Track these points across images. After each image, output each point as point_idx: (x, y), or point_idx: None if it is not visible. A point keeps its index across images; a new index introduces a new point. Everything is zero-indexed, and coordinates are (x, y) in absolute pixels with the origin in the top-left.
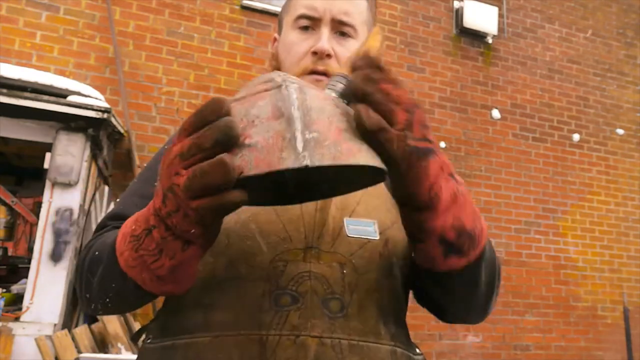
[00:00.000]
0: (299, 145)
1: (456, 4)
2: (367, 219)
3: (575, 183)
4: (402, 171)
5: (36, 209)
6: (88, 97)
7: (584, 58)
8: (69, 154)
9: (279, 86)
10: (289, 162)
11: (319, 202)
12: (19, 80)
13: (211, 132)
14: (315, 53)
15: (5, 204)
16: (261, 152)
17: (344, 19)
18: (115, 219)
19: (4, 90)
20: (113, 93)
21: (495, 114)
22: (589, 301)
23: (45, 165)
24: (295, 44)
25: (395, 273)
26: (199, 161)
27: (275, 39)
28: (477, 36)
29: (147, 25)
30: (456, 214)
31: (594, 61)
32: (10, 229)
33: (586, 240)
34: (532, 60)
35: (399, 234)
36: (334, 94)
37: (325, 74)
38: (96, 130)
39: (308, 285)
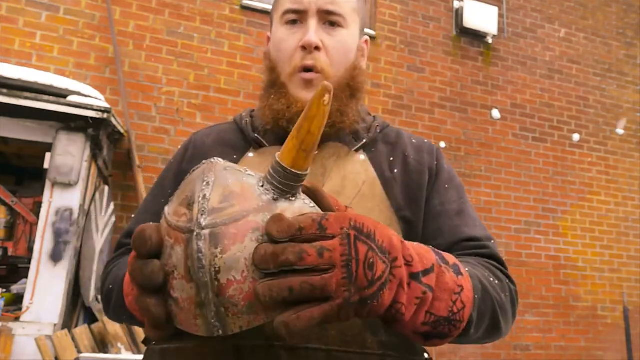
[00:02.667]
0: (210, 316)
1: (456, 4)
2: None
3: (575, 183)
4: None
5: (36, 209)
6: (88, 97)
7: (584, 58)
8: (69, 154)
9: (191, 232)
10: (203, 331)
11: None
12: (19, 80)
13: (140, 273)
14: (303, 47)
15: (5, 204)
16: (181, 311)
17: (331, 8)
18: (130, 237)
19: (4, 90)
20: (113, 93)
21: (495, 114)
22: (589, 301)
23: (45, 165)
24: (284, 40)
25: None
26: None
27: (268, 38)
28: (477, 36)
29: (147, 25)
30: (427, 311)
31: (594, 61)
32: (10, 229)
33: (586, 240)
34: (532, 60)
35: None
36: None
37: (313, 69)
38: (96, 130)
39: None
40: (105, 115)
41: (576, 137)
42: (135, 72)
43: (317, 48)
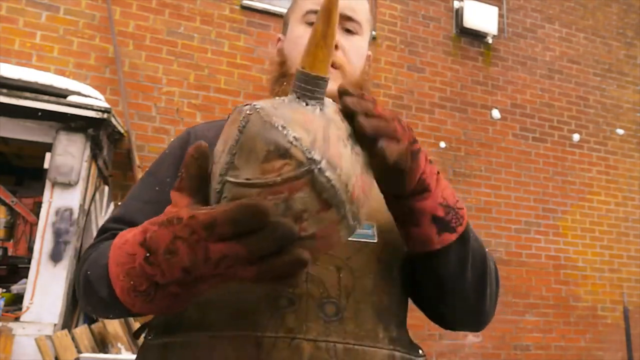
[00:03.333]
0: (350, 222)
1: (456, 4)
2: (366, 222)
3: (575, 183)
4: (404, 172)
5: (36, 209)
6: (88, 97)
7: (584, 58)
8: (69, 154)
9: (312, 172)
10: (346, 236)
11: None
12: (19, 80)
13: (270, 237)
14: None
15: (5, 204)
16: (320, 240)
17: (351, 14)
18: (117, 222)
19: (4, 90)
20: (113, 93)
21: (495, 114)
22: (589, 301)
23: (45, 165)
24: (303, 37)
25: (394, 276)
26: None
27: (279, 39)
28: (477, 36)
29: (147, 25)
30: (441, 193)
31: (594, 61)
32: (10, 229)
33: (586, 240)
34: (532, 60)
35: (398, 237)
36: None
37: (332, 65)
38: (96, 130)
39: (304, 288)
40: (105, 115)
41: (576, 137)
42: (135, 72)
43: (336, 47)
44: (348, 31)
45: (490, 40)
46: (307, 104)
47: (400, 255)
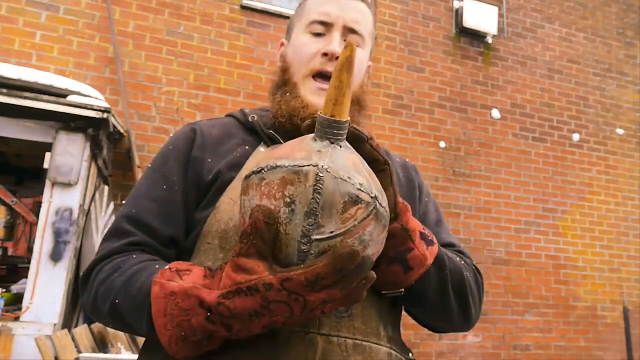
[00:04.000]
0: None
1: (456, 4)
2: None
3: (575, 183)
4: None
5: (36, 209)
6: (88, 97)
7: (584, 58)
8: (69, 154)
9: (375, 207)
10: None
11: None
12: (19, 80)
13: (361, 274)
14: (325, 55)
15: (5, 204)
16: (375, 256)
17: (355, 27)
18: (131, 223)
19: (4, 90)
20: (113, 93)
21: (495, 114)
22: (589, 301)
23: (45, 165)
24: (306, 46)
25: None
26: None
27: (282, 44)
28: (477, 36)
29: (147, 25)
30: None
31: (594, 61)
32: (10, 229)
33: (586, 240)
34: (532, 60)
35: None
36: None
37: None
38: (96, 130)
39: None
40: (105, 115)
41: (576, 137)
42: (135, 72)
43: (337, 58)
44: None
45: (490, 40)
46: (341, 147)
47: None
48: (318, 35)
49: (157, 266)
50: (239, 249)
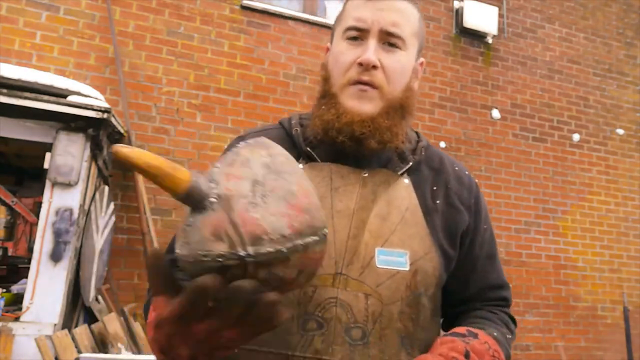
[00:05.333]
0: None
1: (456, 4)
2: (400, 249)
3: (575, 183)
4: None
5: (36, 209)
6: (88, 97)
7: (584, 58)
8: (69, 154)
9: (325, 235)
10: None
11: (353, 229)
12: (19, 80)
13: (232, 301)
14: (360, 64)
15: (5, 204)
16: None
17: (392, 30)
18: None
19: (4, 90)
20: (113, 93)
21: (495, 114)
22: (589, 301)
23: (45, 165)
24: (343, 54)
25: (423, 302)
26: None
27: (327, 49)
28: (477, 36)
29: (147, 25)
30: None
31: (594, 61)
32: (10, 229)
33: (586, 240)
34: (532, 60)
35: (429, 263)
36: None
37: (370, 84)
38: (96, 130)
39: (333, 312)
40: (105, 115)
41: (576, 137)
42: (135, 72)
43: (374, 67)
44: (390, 45)
45: (490, 40)
46: (205, 209)
47: (430, 281)
48: (354, 39)
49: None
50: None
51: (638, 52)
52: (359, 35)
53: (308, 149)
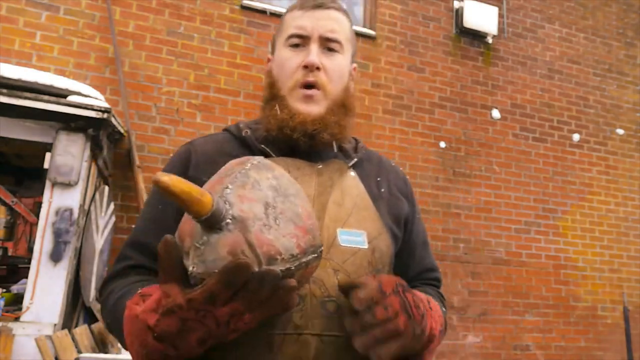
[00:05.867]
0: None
1: (456, 4)
2: (357, 229)
3: (575, 183)
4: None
5: (36, 209)
6: (88, 97)
7: (584, 58)
8: (69, 154)
9: (321, 252)
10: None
11: (315, 213)
12: (19, 80)
13: (259, 285)
14: (305, 67)
15: (5, 204)
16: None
17: (331, 35)
18: (134, 249)
19: (4, 90)
20: (113, 93)
21: (495, 114)
22: (589, 301)
23: (45, 165)
24: (288, 60)
25: None
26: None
27: (269, 59)
28: (477, 36)
29: (147, 25)
30: (437, 327)
31: (594, 61)
32: (10, 229)
33: (586, 240)
34: (532, 60)
35: (383, 243)
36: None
37: (314, 85)
38: (96, 130)
39: (307, 289)
40: (105, 115)
41: (576, 137)
42: (135, 72)
43: (317, 68)
44: (330, 50)
45: (490, 40)
46: (221, 229)
47: (385, 260)
48: (296, 46)
49: (139, 289)
50: (161, 279)
51: (638, 52)
52: (300, 42)
53: (262, 145)
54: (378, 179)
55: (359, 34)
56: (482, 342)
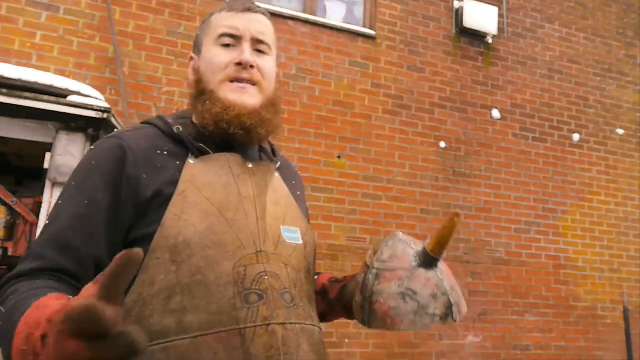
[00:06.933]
0: (364, 316)
1: (456, 4)
2: (293, 227)
3: (575, 183)
4: None
5: (36, 209)
6: (88, 97)
7: (584, 58)
8: (69, 154)
9: (369, 268)
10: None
11: (258, 212)
12: (19, 80)
13: (113, 347)
14: (239, 64)
15: (5, 204)
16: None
17: (261, 37)
18: (53, 247)
19: (4, 90)
20: (113, 93)
21: (495, 114)
22: (589, 301)
23: (45, 165)
24: (218, 57)
25: (311, 270)
26: None
27: (191, 58)
28: (477, 36)
29: (147, 25)
30: None
31: (594, 61)
32: (10, 229)
33: (586, 240)
34: (532, 60)
35: (310, 238)
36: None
37: (249, 81)
38: (96, 130)
39: (267, 283)
40: (105, 115)
41: (576, 137)
42: (135, 72)
43: (252, 66)
44: (260, 52)
45: (490, 40)
46: (418, 260)
47: (313, 253)
48: (228, 46)
49: (49, 293)
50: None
51: (638, 52)
52: (232, 42)
53: (200, 144)
54: (293, 182)
55: (359, 34)
56: (482, 342)
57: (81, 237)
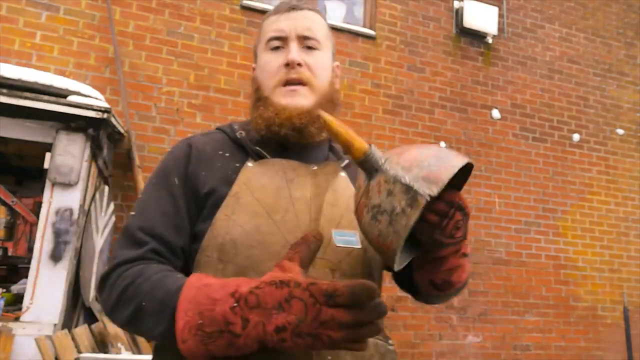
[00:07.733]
0: None
1: (456, 4)
2: (350, 230)
3: (575, 183)
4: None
5: (36, 209)
6: (88, 97)
7: (584, 58)
8: (69, 154)
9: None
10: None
11: (312, 213)
12: (19, 80)
13: (373, 313)
14: (287, 64)
15: (5, 204)
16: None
17: (308, 34)
18: (146, 233)
19: (4, 90)
20: (113, 93)
21: (495, 114)
22: (589, 301)
23: (45, 165)
24: (269, 62)
25: (374, 277)
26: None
27: (253, 69)
28: (477, 36)
29: (147, 25)
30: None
31: (594, 61)
32: (10, 229)
33: (586, 240)
34: (532, 60)
35: None
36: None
37: (299, 81)
38: (96, 130)
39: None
40: (105, 115)
41: (576, 137)
42: (135, 72)
43: (299, 64)
44: (309, 48)
45: (490, 40)
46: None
47: (377, 260)
48: (277, 49)
49: (178, 275)
50: (286, 255)
51: (638, 52)
52: (280, 44)
53: (257, 147)
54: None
55: (359, 34)
56: (482, 342)
57: (172, 230)
